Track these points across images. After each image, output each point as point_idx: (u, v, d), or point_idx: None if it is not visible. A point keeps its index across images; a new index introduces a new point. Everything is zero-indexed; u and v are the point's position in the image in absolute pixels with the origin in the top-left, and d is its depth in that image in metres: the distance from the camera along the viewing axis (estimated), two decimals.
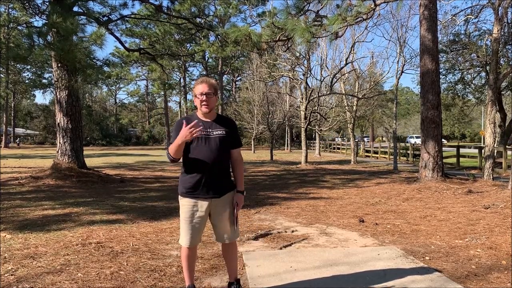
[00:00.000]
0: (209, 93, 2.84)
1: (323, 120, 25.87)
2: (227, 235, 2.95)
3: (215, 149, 2.83)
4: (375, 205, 7.52)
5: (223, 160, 2.90)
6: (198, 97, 2.84)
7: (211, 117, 2.92)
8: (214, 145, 2.83)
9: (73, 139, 11.63)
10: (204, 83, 2.86)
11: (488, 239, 4.78)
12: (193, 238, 2.89)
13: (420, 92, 11.04)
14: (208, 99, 2.84)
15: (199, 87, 2.86)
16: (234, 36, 8.95)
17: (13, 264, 3.80)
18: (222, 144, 2.85)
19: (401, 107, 65.87)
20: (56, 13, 9.19)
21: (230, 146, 2.95)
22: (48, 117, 49.62)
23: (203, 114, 2.91)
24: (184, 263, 3.01)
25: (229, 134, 2.90)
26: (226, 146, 2.89)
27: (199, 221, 2.88)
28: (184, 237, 2.91)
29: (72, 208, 6.94)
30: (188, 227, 2.87)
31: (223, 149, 2.87)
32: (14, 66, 34.47)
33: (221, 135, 2.86)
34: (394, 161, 16.89)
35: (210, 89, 2.85)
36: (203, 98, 2.83)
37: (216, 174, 2.84)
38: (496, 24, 12.82)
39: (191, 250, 2.96)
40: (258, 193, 9.30)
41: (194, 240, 2.91)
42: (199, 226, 2.89)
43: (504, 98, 21.18)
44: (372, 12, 9.18)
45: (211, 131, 2.85)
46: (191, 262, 3.01)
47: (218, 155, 2.83)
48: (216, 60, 48.77)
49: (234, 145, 2.98)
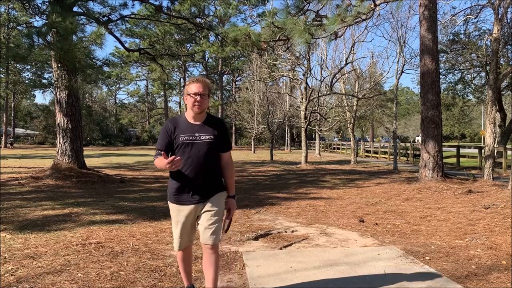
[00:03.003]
0: (204, 94, 2.69)
1: (323, 120, 25.87)
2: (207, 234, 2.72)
3: (202, 155, 2.70)
4: (375, 205, 7.52)
5: (211, 165, 2.76)
6: (192, 96, 2.68)
7: (200, 119, 2.76)
8: (201, 150, 2.70)
9: (73, 139, 11.63)
10: (199, 83, 2.70)
11: (488, 239, 4.78)
12: (182, 241, 2.84)
13: (420, 92, 11.04)
14: (202, 100, 2.68)
15: (193, 86, 2.70)
16: (234, 36, 8.95)
17: (13, 264, 3.80)
18: (209, 149, 2.72)
19: (401, 107, 65.90)
20: (56, 13, 9.19)
21: (219, 150, 2.81)
22: (48, 117, 49.57)
23: (193, 115, 2.75)
24: (179, 265, 3.00)
25: (217, 138, 2.75)
26: (214, 151, 2.76)
27: (186, 225, 2.81)
28: (174, 241, 2.89)
29: (72, 208, 6.94)
30: (176, 231, 2.84)
31: (211, 154, 2.74)
32: (14, 66, 34.46)
33: (209, 140, 2.72)
34: (394, 161, 16.90)
35: (205, 90, 2.70)
36: (197, 99, 2.67)
37: (202, 180, 2.73)
38: (496, 24, 12.81)
39: (184, 252, 2.92)
40: (258, 193, 9.30)
41: (183, 243, 2.86)
42: (186, 229, 2.82)
43: (504, 98, 21.14)
44: (371, 12, 9.17)
45: (198, 136, 2.71)
46: (186, 264, 2.98)
47: (205, 161, 2.71)
48: (216, 60, 48.82)
49: (224, 149, 2.83)
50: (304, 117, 20.59)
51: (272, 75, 24.65)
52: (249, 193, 9.15)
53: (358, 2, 8.45)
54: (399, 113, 55.97)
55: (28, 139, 53.88)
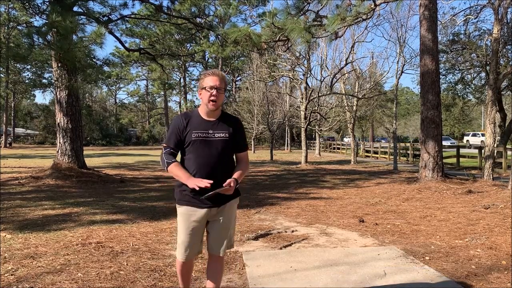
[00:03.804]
0: (221, 88, 2.47)
1: (323, 120, 25.87)
2: (220, 246, 2.58)
3: (216, 154, 2.48)
4: (375, 205, 7.52)
5: (225, 166, 2.53)
6: (208, 90, 2.45)
7: (215, 115, 2.54)
8: (215, 149, 2.49)
9: (73, 139, 11.63)
10: (216, 76, 2.47)
11: (488, 239, 4.78)
12: (191, 250, 2.56)
13: (420, 92, 11.04)
14: (219, 95, 2.46)
15: (209, 79, 2.46)
16: (234, 36, 8.95)
17: (13, 264, 3.80)
18: (224, 148, 2.51)
19: (401, 107, 65.83)
20: (56, 12, 9.19)
21: (235, 150, 2.59)
22: (48, 117, 49.55)
23: (207, 111, 2.52)
24: (179, 278, 2.72)
25: (232, 137, 2.54)
26: (228, 150, 2.55)
27: (197, 232, 2.55)
28: (179, 250, 2.57)
29: (72, 208, 6.94)
30: (185, 239, 2.54)
31: (225, 154, 2.52)
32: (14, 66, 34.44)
33: (224, 138, 2.51)
34: (394, 161, 16.90)
35: (222, 83, 2.48)
36: (213, 93, 2.44)
37: (216, 181, 2.43)
38: (496, 24, 12.82)
39: (189, 263, 2.65)
40: (258, 193, 9.30)
41: (192, 253, 2.58)
42: (198, 237, 2.57)
43: (504, 98, 21.15)
44: (372, 12, 9.18)
45: (212, 133, 2.49)
46: (187, 279, 2.72)
47: (219, 160, 2.49)
48: (216, 60, 48.78)
49: (239, 149, 2.61)
50: (304, 117, 20.59)
51: (272, 75, 24.66)
52: (249, 193, 9.15)
53: (358, 2, 8.46)
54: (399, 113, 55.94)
55: (28, 138, 53.86)
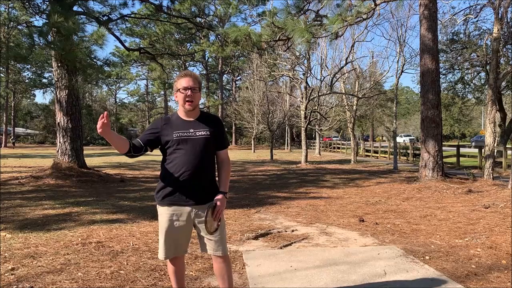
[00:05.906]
0: (194, 88, 2.53)
1: (323, 119, 25.86)
2: (216, 246, 2.57)
3: (198, 152, 2.52)
4: (375, 204, 7.52)
5: (207, 164, 2.57)
6: (182, 91, 2.51)
7: (194, 115, 2.60)
8: (197, 147, 2.52)
9: (73, 139, 11.64)
10: (189, 77, 2.55)
11: (488, 239, 4.78)
12: (171, 250, 2.59)
13: (420, 92, 11.04)
14: (193, 95, 2.52)
15: (182, 80, 2.53)
16: (234, 36, 8.96)
17: (13, 263, 3.80)
18: (205, 146, 2.55)
19: (401, 106, 65.83)
20: (56, 12, 9.20)
21: (216, 148, 2.64)
22: (48, 116, 49.62)
23: (185, 112, 2.58)
24: (172, 279, 2.75)
25: (214, 134, 2.59)
26: (210, 148, 2.59)
27: (180, 231, 2.57)
28: (161, 250, 2.61)
29: (72, 208, 6.94)
30: (166, 239, 2.58)
31: (207, 151, 2.56)
32: (14, 65, 34.45)
33: (205, 135, 2.55)
34: (394, 161, 16.89)
35: (195, 83, 2.54)
36: (188, 93, 2.50)
37: (198, 180, 2.52)
38: (496, 24, 12.81)
39: (177, 262, 2.67)
40: (258, 192, 9.31)
41: (174, 252, 2.61)
42: (180, 237, 2.58)
43: (504, 97, 21.13)
44: (372, 12, 9.18)
45: (193, 132, 2.54)
46: (179, 279, 2.73)
47: (201, 158, 2.53)
48: (216, 59, 48.80)
49: (220, 146, 2.66)
50: (304, 117, 20.59)
51: (272, 74, 24.66)
52: (249, 193, 9.16)
53: (359, 1, 8.46)
54: (399, 113, 55.99)
55: (28, 138, 53.90)
